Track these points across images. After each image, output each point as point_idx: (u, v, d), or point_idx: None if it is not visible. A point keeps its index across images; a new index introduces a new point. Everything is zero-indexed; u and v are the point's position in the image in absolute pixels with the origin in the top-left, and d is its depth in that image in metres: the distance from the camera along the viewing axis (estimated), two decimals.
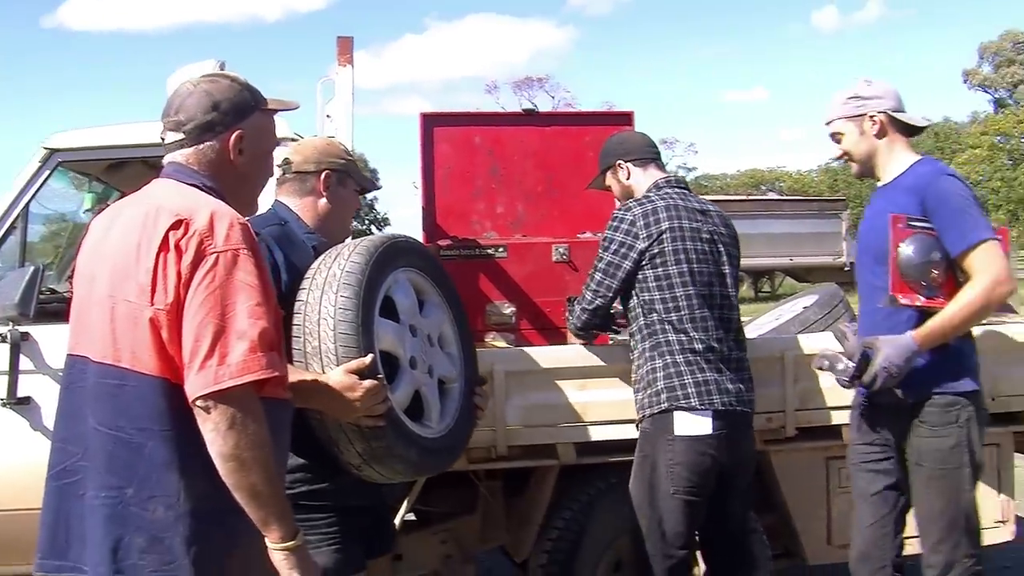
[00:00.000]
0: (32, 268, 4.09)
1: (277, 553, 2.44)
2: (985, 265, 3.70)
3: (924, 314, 3.78)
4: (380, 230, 62.65)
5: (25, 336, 4.18)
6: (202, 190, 2.60)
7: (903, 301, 3.79)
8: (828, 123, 4.11)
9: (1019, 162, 51.85)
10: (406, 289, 3.48)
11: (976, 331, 3.99)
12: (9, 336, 4.13)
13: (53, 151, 4.52)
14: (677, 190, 4.23)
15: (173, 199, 2.52)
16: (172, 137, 2.66)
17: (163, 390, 2.42)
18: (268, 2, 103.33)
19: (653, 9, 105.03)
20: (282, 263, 3.25)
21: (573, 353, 4.46)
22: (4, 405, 4.19)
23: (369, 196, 50.32)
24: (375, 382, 3.09)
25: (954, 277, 3.81)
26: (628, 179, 4.34)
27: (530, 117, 5.89)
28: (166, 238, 2.42)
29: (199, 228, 2.42)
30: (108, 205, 3.79)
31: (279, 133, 4.45)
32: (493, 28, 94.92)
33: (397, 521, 4.48)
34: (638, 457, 4.08)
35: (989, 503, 4.86)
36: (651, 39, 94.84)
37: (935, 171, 3.93)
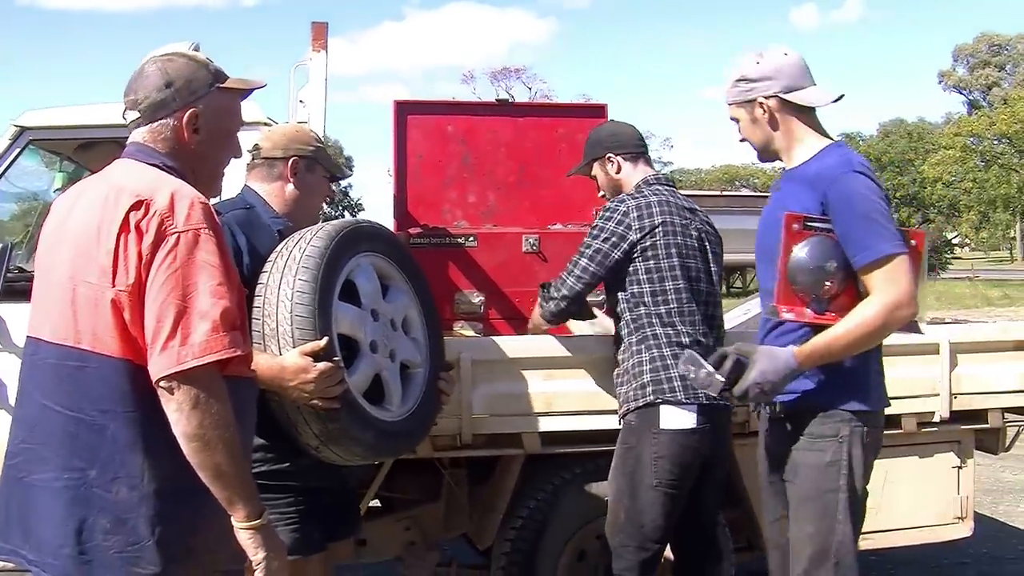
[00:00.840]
0: (1, 246, 4.07)
1: (243, 532, 2.45)
2: (887, 284, 3.19)
3: (816, 329, 3.31)
4: (354, 216, 62.59)
5: None
6: (163, 170, 2.58)
7: (786, 315, 3.34)
8: (728, 105, 3.62)
9: (991, 164, 52.26)
10: (368, 274, 3.51)
11: (935, 330, 3.96)
12: None
13: (24, 129, 4.51)
14: (666, 187, 4.24)
15: (133, 179, 2.52)
16: (131, 116, 2.65)
17: (125, 371, 2.42)
18: None
19: (632, 4, 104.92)
20: (244, 247, 3.30)
21: (540, 343, 4.48)
22: None
23: (343, 183, 50.14)
24: (330, 364, 3.14)
25: (855, 289, 3.30)
26: (617, 173, 4.30)
27: (504, 107, 5.92)
28: (126, 219, 2.41)
29: (159, 208, 2.41)
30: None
31: (251, 117, 4.51)
32: (473, 17, 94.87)
33: (362, 507, 4.50)
34: (620, 449, 4.07)
35: (948, 499, 4.95)
36: (630, 33, 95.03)
37: (842, 163, 3.34)
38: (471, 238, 5.26)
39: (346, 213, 63.26)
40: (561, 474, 4.59)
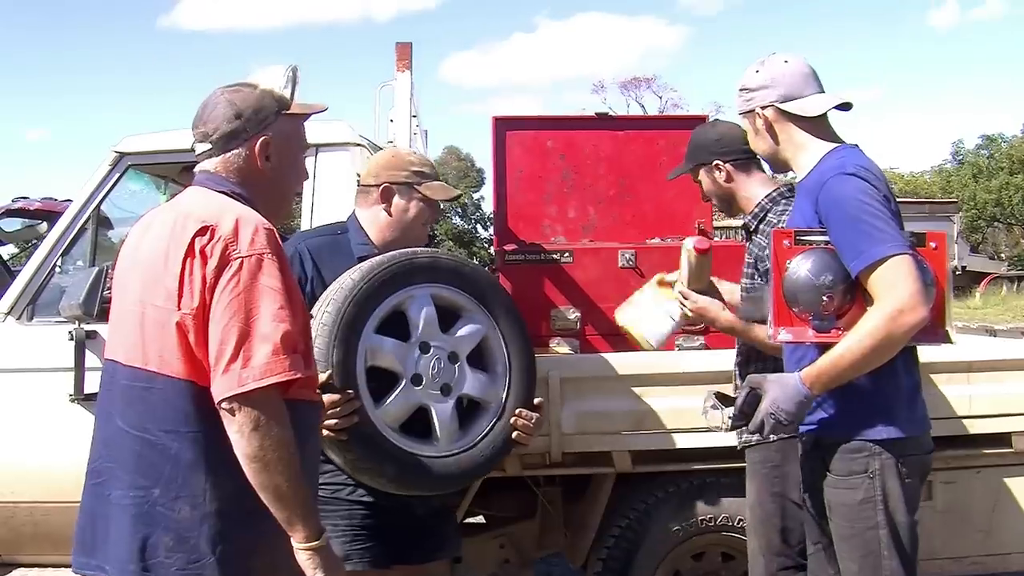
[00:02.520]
0: (97, 269, 4.21)
1: (302, 553, 2.48)
2: (886, 289, 2.91)
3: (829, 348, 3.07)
4: (485, 229, 62.95)
5: (91, 335, 4.29)
6: (231, 196, 2.65)
7: (783, 336, 3.13)
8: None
9: None
10: (422, 305, 3.52)
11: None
12: (75, 334, 4.25)
13: (122, 155, 4.64)
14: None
15: (200, 206, 2.59)
16: (201, 148, 2.73)
17: (189, 392, 2.49)
18: (381, 1, 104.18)
19: (763, 8, 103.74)
20: (311, 274, 3.39)
21: (629, 360, 4.43)
22: (73, 401, 4.30)
23: (476, 195, 50.26)
24: (335, 397, 3.23)
25: (863, 301, 3.04)
26: (728, 182, 4.05)
27: (603, 121, 5.87)
28: (192, 244, 2.49)
29: (224, 234, 2.48)
30: None
31: (342, 138, 4.58)
32: (603, 26, 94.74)
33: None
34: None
35: None
36: (762, 39, 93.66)
37: (834, 167, 3.12)
38: (566, 254, 5.23)
39: (478, 226, 63.73)
40: (654, 493, 4.53)
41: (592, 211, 5.55)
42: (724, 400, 3.26)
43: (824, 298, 3.04)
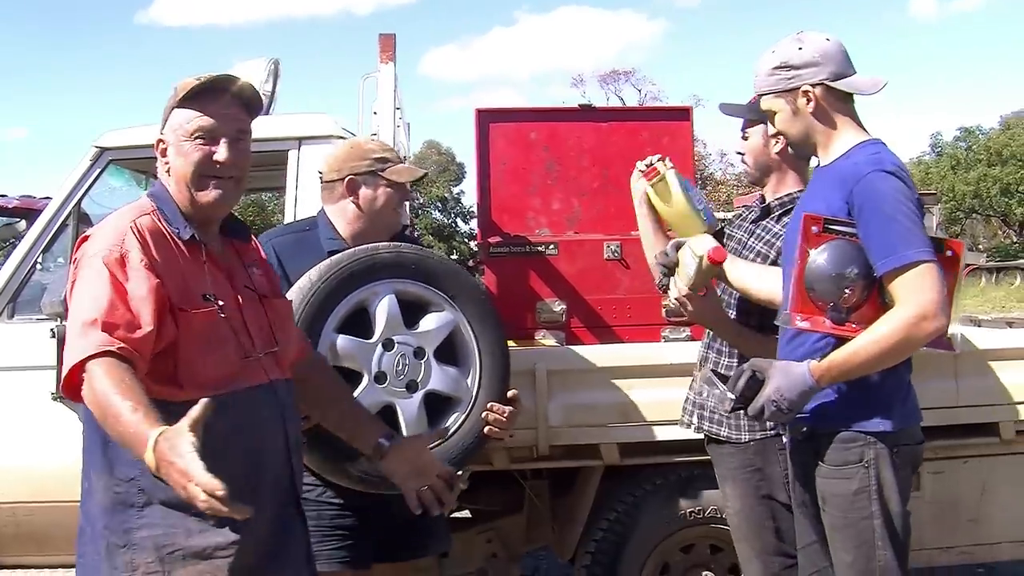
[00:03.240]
0: None
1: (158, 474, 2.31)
2: (912, 293, 2.90)
3: (839, 341, 3.06)
4: (466, 223, 62.92)
5: None
6: (149, 198, 2.78)
7: (800, 324, 3.09)
8: (759, 96, 3.32)
9: None
10: (385, 301, 3.50)
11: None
12: (57, 331, 4.20)
13: (103, 150, 4.59)
14: None
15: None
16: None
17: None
18: None
19: (744, 1, 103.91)
20: (279, 276, 3.36)
21: (616, 352, 4.42)
22: (55, 399, 4.25)
23: (456, 189, 49.97)
24: None
25: (878, 299, 3.05)
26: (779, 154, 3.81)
27: (586, 112, 5.83)
28: (74, 252, 2.67)
29: (86, 239, 2.62)
30: None
31: (325, 131, 4.55)
32: (583, 20, 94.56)
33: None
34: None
35: None
36: (742, 31, 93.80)
37: (872, 162, 3.06)
38: (551, 246, 5.21)
39: (458, 220, 63.68)
40: (642, 485, 4.51)
41: (576, 203, 5.52)
42: (719, 379, 3.26)
43: (846, 291, 3.03)
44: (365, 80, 4.83)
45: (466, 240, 61.41)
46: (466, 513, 4.91)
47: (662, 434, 4.29)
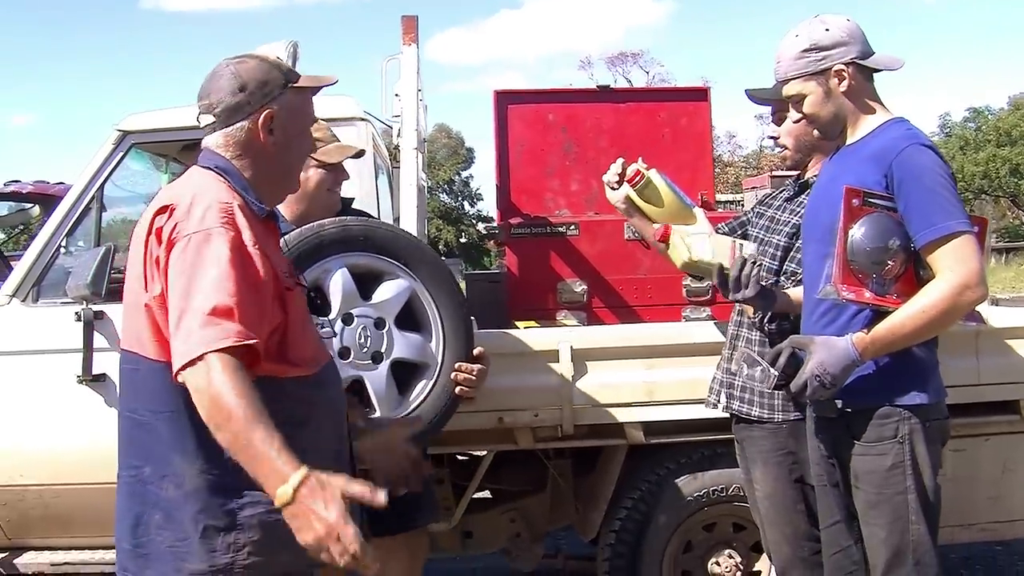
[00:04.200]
0: (104, 248, 4.16)
1: (285, 512, 2.31)
2: (954, 263, 2.94)
3: (875, 314, 3.09)
4: (473, 206, 62.92)
5: (99, 315, 4.26)
6: (217, 173, 2.60)
7: (846, 295, 3.07)
8: (784, 83, 3.29)
9: None
10: (337, 278, 3.53)
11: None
12: (83, 314, 4.22)
13: (126, 133, 4.58)
14: None
15: (175, 186, 2.61)
16: (205, 120, 2.66)
17: (163, 373, 2.45)
18: None
19: None
20: None
21: (640, 331, 4.43)
22: (81, 382, 4.27)
23: (464, 173, 50.00)
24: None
25: (915, 272, 3.09)
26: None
27: (604, 94, 5.85)
28: (151, 224, 2.47)
29: (178, 213, 2.44)
30: None
31: (348, 113, 4.55)
32: (590, 2, 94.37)
33: (465, 499, 4.50)
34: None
35: None
36: (750, 12, 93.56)
37: (908, 137, 3.10)
38: (572, 227, 5.22)
39: (465, 203, 63.68)
40: (666, 464, 4.52)
41: (595, 184, 5.51)
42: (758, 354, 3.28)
43: (888, 262, 3.05)
44: (388, 62, 4.84)
45: (473, 222, 61.47)
46: (486, 493, 4.94)
47: (686, 413, 4.29)
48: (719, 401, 3.95)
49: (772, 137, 3.95)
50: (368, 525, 3.51)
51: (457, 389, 3.72)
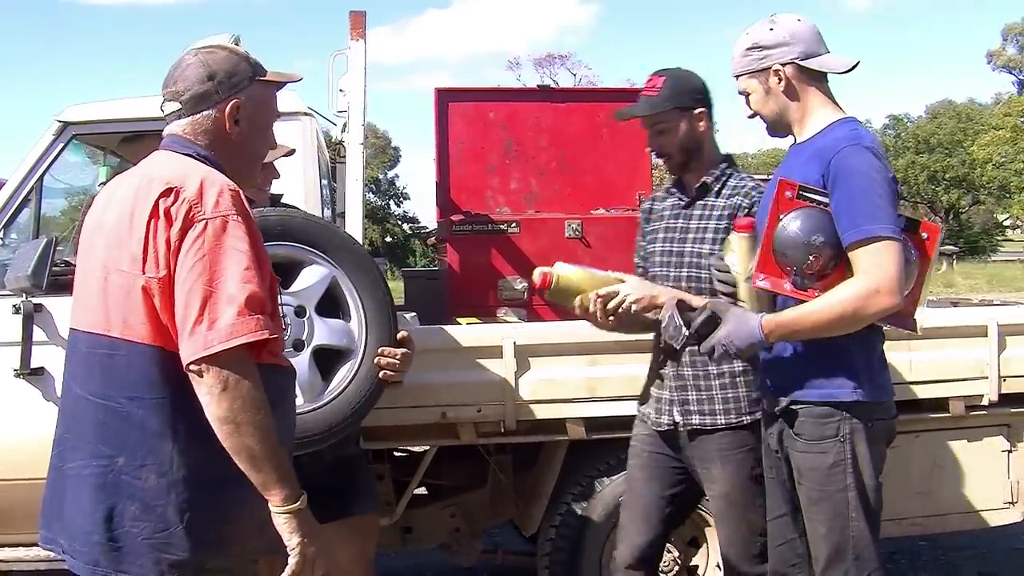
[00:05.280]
0: (45, 240, 4.10)
1: (279, 516, 2.44)
2: (871, 267, 2.96)
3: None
4: (398, 206, 62.78)
5: (39, 308, 4.19)
6: (197, 159, 2.59)
7: (761, 283, 3.14)
8: (735, 78, 3.36)
9: None
10: None
11: (983, 312, 3.80)
12: (22, 307, 4.15)
13: (67, 124, 4.52)
14: None
15: (166, 169, 2.54)
16: (170, 107, 2.66)
17: (155, 358, 2.44)
18: None
19: None
20: None
21: (583, 328, 4.45)
22: (18, 375, 4.20)
23: (390, 172, 49.78)
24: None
25: (844, 270, 3.06)
26: (703, 131, 3.79)
27: (545, 93, 5.93)
28: (156, 206, 2.43)
29: (189, 196, 2.43)
30: None
31: (291, 108, 4.52)
32: (517, 2, 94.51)
33: (406, 495, 4.52)
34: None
35: (997, 484, 4.86)
36: (676, 16, 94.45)
37: (850, 138, 3.11)
38: (513, 224, 5.26)
39: (391, 202, 63.49)
40: (607, 459, 4.54)
41: (534, 182, 5.59)
42: (682, 312, 3.25)
43: (810, 257, 3.05)
44: (334, 57, 4.83)
45: (399, 223, 61.35)
46: (424, 489, 4.95)
47: (628, 409, 4.27)
48: (670, 421, 3.79)
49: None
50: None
51: (381, 374, 3.71)
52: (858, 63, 3.27)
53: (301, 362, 3.58)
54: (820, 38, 3.27)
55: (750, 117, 3.40)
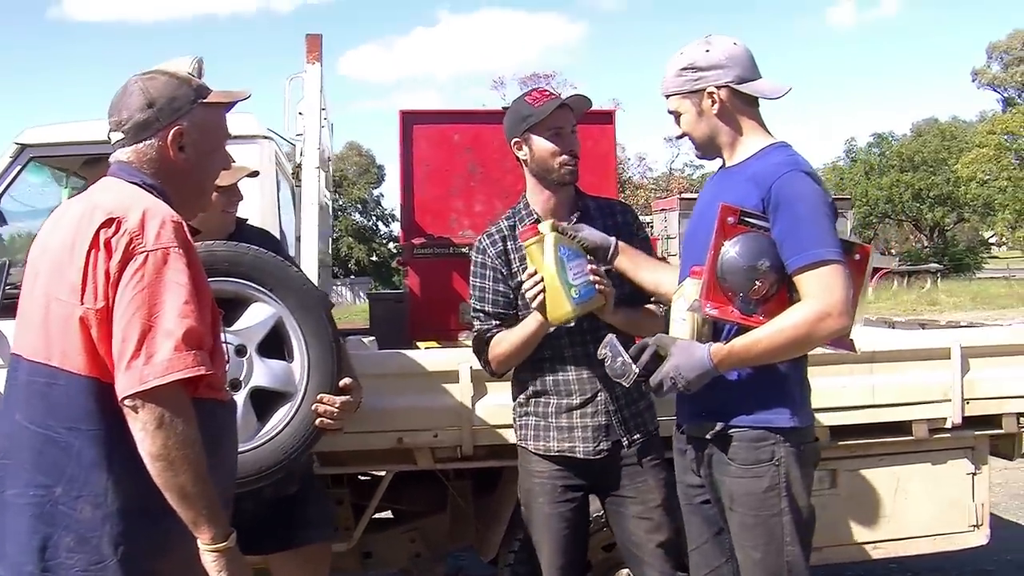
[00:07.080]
0: None
1: (207, 555, 2.42)
2: (820, 291, 2.96)
3: (745, 330, 3.10)
4: (386, 225, 62.69)
5: None
6: (143, 188, 2.57)
7: (710, 312, 3.10)
8: (665, 97, 3.33)
9: None
10: None
11: (946, 334, 3.82)
12: None
13: (24, 147, 4.51)
14: None
15: (109, 198, 2.51)
16: (115, 137, 2.64)
17: (92, 390, 2.42)
18: None
19: (666, 5, 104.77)
20: None
21: None
22: None
23: (376, 192, 49.64)
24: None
25: (786, 294, 3.07)
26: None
27: None
28: (96, 236, 2.41)
29: (130, 227, 2.40)
30: None
31: (249, 131, 4.51)
32: (505, 22, 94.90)
33: (365, 519, 4.49)
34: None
35: (962, 506, 4.86)
36: (663, 35, 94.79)
37: (789, 163, 3.11)
38: None
39: (379, 223, 63.44)
40: None
41: (499, 205, 5.55)
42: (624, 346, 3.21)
43: (756, 283, 3.05)
44: (291, 80, 4.82)
45: (385, 242, 61.27)
46: (387, 514, 4.92)
47: None
48: (614, 442, 3.70)
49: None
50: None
51: (318, 421, 3.63)
52: (790, 89, 3.27)
53: (236, 402, 3.53)
54: (754, 63, 3.28)
55: (679, 138, 3.40)
